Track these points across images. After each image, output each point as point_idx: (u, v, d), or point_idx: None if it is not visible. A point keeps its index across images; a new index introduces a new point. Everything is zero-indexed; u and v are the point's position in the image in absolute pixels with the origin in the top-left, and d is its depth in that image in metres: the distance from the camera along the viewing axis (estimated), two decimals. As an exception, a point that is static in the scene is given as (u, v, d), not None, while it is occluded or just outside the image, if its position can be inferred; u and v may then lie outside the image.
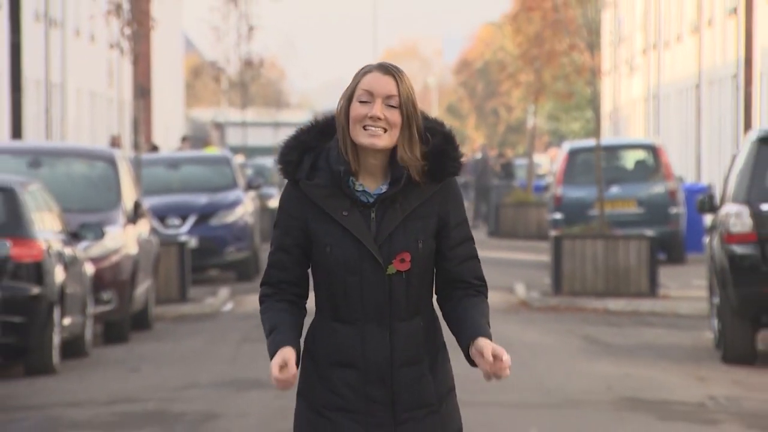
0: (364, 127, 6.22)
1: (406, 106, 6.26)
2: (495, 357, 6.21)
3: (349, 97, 6.28)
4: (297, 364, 6.27)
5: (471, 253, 6.45)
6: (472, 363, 6.31)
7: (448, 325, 6.44)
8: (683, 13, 56.90)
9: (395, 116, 6.23)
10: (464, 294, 6.43)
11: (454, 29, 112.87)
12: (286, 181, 6.45)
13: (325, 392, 6.31)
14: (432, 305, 6.41)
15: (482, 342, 6.25)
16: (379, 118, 6.19)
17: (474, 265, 6.45)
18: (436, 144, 6.29)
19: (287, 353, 6.17)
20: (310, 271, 6.45)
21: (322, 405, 6.29)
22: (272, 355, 6.15)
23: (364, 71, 6.30)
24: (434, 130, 6.34)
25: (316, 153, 6.33)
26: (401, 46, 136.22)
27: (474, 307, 6.39)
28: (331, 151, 6.31)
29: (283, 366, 6.12)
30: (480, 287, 6.46)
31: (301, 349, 6.41)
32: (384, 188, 6.28)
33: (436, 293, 6.47)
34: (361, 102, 6.22)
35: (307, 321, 6.52)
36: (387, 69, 6.29)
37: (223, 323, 27.58)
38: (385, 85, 6.24)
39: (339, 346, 6.28)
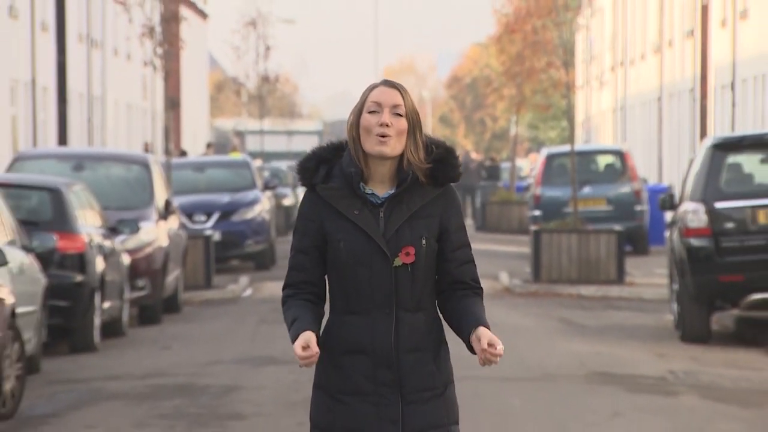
0: (375, 136, 6.24)
1: (411, 115, 6.31)
2: (490, 345, 6.18)
3: (358, 111, 6.31)
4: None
5: (469, 257, 6.47)
6: (472, 350, 6.30)
7: (449, 321, 6.45)
8: (646, 35, 56.89)
9: (402, 123, 6.27)
10: (464, 294, 6.43)
11: (446, 49, 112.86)
12: (299, 182, 6.47)
13: (340, 379, 6.33)
14: (435, 305, 6.40)
15: (482, 330, 6.27)
16: (388, 125, 6.23)
17: (471, 268, 6.47)
18: (440, 153, 6.37)
19: (308, 336, 6.18)
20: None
21: (338, 391, 6.30)
22: (295, 335, 6.18)
23: (372, 87, 6.38)
24: (438, 144, 6.40)
25: (330, 164, 6.36)
26: (399, 63, 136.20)
27: (474, 305, 6.41)
28: (343, 159, 6.34)
29: (306, 347, 6.13)
30: (477, 289, 6.48)
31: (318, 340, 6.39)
32: (392, 191, 6.30)
33: (437, 295, 6.46)
34: (370, 112, 6.27)
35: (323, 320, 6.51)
36: (392, 84, 6.36)
37: (244, 307, 27.51)
38: (391, 96, 6.29)
39: (350, 336, 6.28)
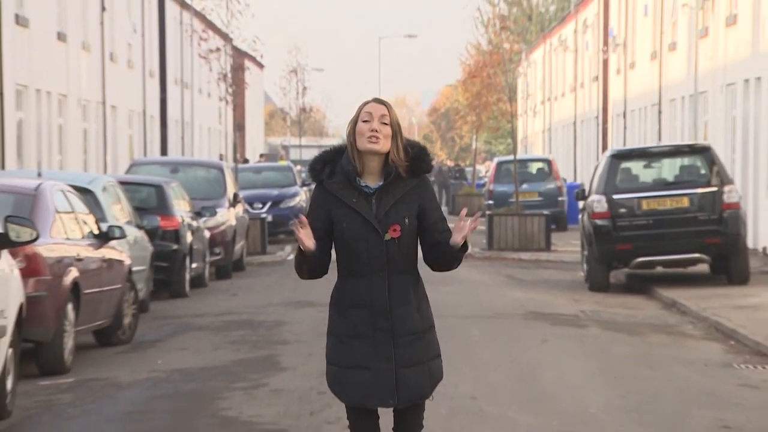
0: (367, 137, 6.21)
1: (394, 125, 6.28)
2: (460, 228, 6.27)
3: (354, 121, 6.29)
4: (315, 263, 6.34)
5: (446, 227, 6.40)
6: (453, 257, 6.36)
7: (436, 261, 6.42)
8: (565, 79, 56.79)
9: (387, 129, 6.25)
10: (443, 237, 6.40)
11: (428, 88, 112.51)
12: (310, 179, 6.55)
13: (345, 326, 6.29)
14: (417, 268, 6.36)
15: (456, 223, 6.32)
16: (377, 130, 6.21)
17: (448, 234, 6.38)
18: (416, 152, 6.34)
19: (306, 233, 6.26)
20: (333, 252, 6.42)
21: (344, 335, 6.27)
22: (312, 264, 6.30)
23: (365, 103, 6.38)
24: (414, 144, 6.37)
25: (333, 164, 6.33)
26: (394, 98, 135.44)
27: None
28: (343, 159, 6.31)
29: (308, 237, 6.24)
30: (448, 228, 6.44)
31: (329, 301, 6.45)
32: (381, 182, 6.27)
33: (423, 254, 6.40)
34: (363, 121, 6.26)
35: (333, 282, 6.50)
36: (380, 100, 6.36)
37: (287, 267, 27.38)
38: (380, 109, 6.28)
39: (354, 294, 6.24)
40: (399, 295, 6.28)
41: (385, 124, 6.29)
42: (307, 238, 6.27)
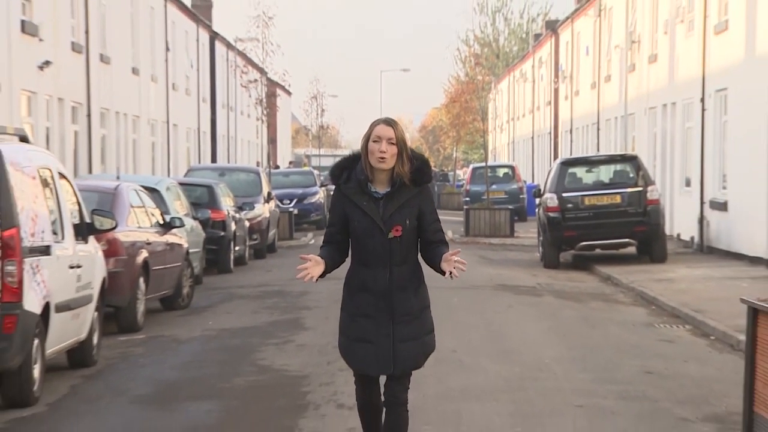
0: (377, 158, 6.04)
1: (400, 143, 6.07)
2: (458, 261, 6.10)
3: (367, 139, 6.09)
4: (324, 272, 6.21)
5: (439, 228, 6.26)
6: (441, 273, 6.17)
7: (428, 262, 6.27)
8: (525, 103, 56.75)
9: (393, 149, 6.03)
10: (436, 246, 6.24)
11: (418, 110, 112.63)
12: (330, 182, 6.33)
13: (355, 306, 6.15)
14: (416, 258, 6.22)
15: (446, 255, 6.13)
16: (384, 152, 6.01)
17: (441, 234, 6.27)
18: (419, 165, 6.15)
19: (314, 256, 6.17)
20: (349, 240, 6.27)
21: (354, 313, 6.14)
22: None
23: (375, 123, 6.12)
24: (418, 157, 6.18)
25: (349, 171, 6.15)
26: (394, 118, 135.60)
27: (441, 250, 6.21)
28: (357, 169, 6.12)
29: (308, 258, 6.16)
30: (443, 242, 6.29)
31: (344, 283, 6.29)
32: (388, 189, 6.10)
33: (420, 251, 6.26)
34: (374, 141, 6.05)
35: (347, 262, 6.39)
36: (388, 122, 6.12)
37: (310, 249, 27.35)
38: (387, 132, 6.06)
39: (362, 280, 6.10)
40: (398, 283, 6.10)
41: (392, 144, 6.08)
42: (313, 269, 6.16)
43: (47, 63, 23.48)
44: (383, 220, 6.08)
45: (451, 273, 6.09)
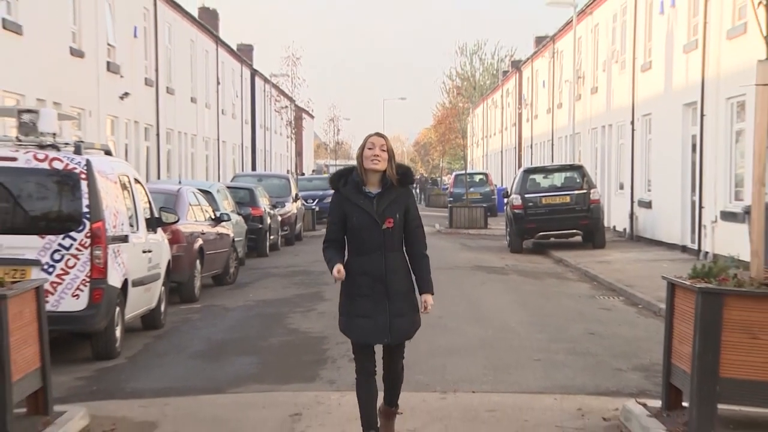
0: (371, 160, 5.81)
1: (389, 151, 5.88)
2: (425, 307, 5.86)
3: (362, 148, 5.89)
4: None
5: (420, 224, 5.94)
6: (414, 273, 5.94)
7: (407, 249, 5.98)
8: (495, 124, 56.57)
9: (385, 155, 5.84)
10: (419, 255, 5.94)
11: (412, 130, 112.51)
12: (330, 187, 6.01)
13: (354, 288, 5.83)
14: (403, 250, 5.93)
15: (424, 296, 5.89)
16: (378, 155, 5.81)
17: (422, 232, 5.95)
18: (403, 170, 5.93)
19: (340, 266, 5.75)
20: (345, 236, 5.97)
21: (354, 294, 5.86)
22: (332, 267, 5.77)
23: (369, 136, 5.88)
24: (403, 166, 5.95)
25: (346, 177, 5.91)
26: (393, 135, 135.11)
27: (422, 269, 5.92)
28: (353, 173, 5.90)
29: (340, 270, 5.73)
30: (424, 251, 5.97)
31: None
32: (380, 190, 5.88)
33: (404, 238, 5.96)
34: (368, 148, 5.85)
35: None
36: (379, 134, 5.91)
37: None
38: (379, 141, 5.87)
39: (360, 266, 5.83)
40: (391, 266, 5.82)
41: (384, 150, 5.82)
42: (342, 273, 5.79)
43: (126, 94, 23.61)
44: (378, 214, 5.79)
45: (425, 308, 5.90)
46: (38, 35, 17.69)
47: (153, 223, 11.04)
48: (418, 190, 61.72)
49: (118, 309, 9.50)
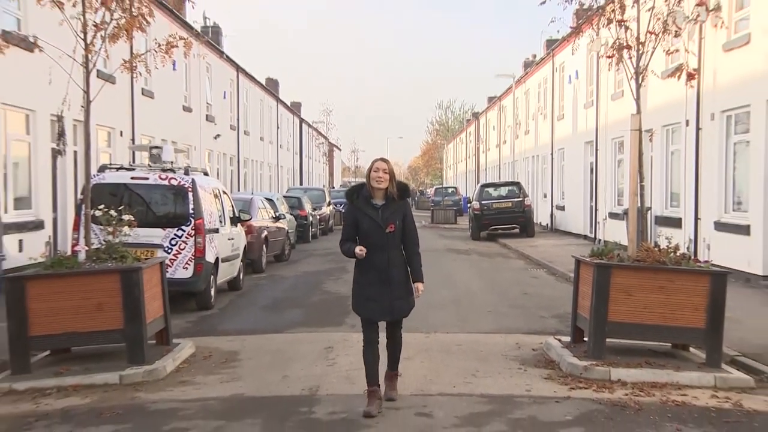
0: (376, 181, 5.21)
1: (391, 172, 5.32)
2: (417, 292, 5.26)
3: (369, 170, 5.25)
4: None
5: (414, 228, 5.32)
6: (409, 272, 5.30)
7: (404, 248, 5.30)
8: (462, 154, 56.41)
9: (387, 176, 5.23)
10: (413, 252, 5.29)
11: (406, 158, 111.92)
12: (346, 199, 5.30)
13: (364, 279, 5.20)
14: (401, 248, 5.27)
15: (417, 284, 5.29)
16: (381, 177, 5.27)
17: (416, 234, 5.32)
18: (402, 187, 5.41)
19: (360, 246, 5.15)
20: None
21: (363, 283, 5.21)
22: (352, 250, 5.12)
23: (375, 160, 5.28)
24: (402, 183, 5.44)
25: (358, 191, 5.27)
26: (393, 161, 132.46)
27: (416, 262, 5.29)
28: (363, 189, 5.27)
29: (362, 248, 5.12)
30: (417, 249, 5.32)
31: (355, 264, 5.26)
32: (383, 202, 5.27)
33: (402, 240, 5.37)
34: (374, 171, 5.22)
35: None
36: (383, 159, 5.37)
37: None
38: (382, 165, 5.25)
39: (369, 261, 5.19)
40: (393, 262, 5.20)
41: (386, 173, 5.24)
42: (361, 252, 5.16)
43: (218, 135, 23.87)
44: (382, 221, 5.21)
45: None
46: (164, 98, 18.32)
47: (235, 220, 11.08)
48: (410, 199, 61.44)
49: (212, 277, 9.59)
